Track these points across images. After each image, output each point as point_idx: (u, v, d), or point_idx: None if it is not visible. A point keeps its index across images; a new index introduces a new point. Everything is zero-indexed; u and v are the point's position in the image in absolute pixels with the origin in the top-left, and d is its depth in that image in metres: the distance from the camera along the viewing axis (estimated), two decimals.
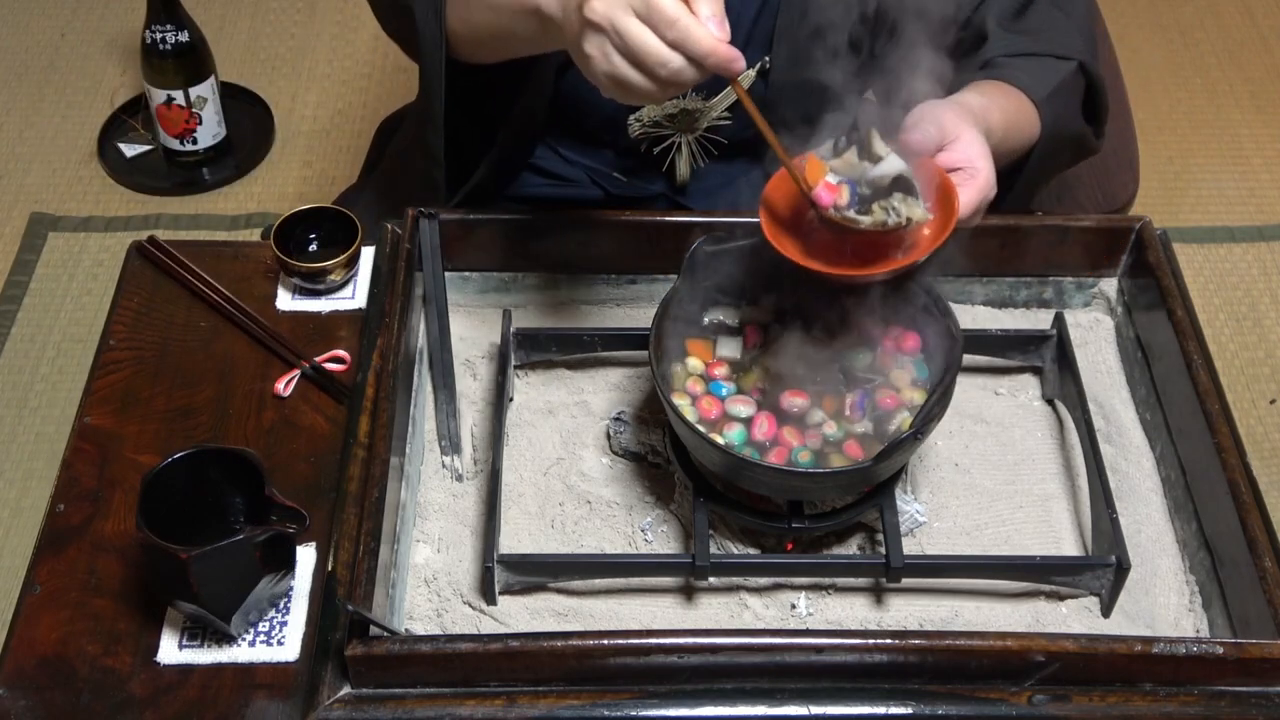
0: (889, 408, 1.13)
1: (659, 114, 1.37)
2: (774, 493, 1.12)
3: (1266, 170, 2.60)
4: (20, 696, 1.03)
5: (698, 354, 1.18)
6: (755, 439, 1.12)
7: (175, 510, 1.03)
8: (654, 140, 1.40)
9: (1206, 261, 2.42)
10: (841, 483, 1.11)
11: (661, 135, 1.39)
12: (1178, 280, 1.28)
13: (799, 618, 1.13)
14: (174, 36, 2.29)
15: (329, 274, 1.29)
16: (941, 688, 1.01)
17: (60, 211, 2.45)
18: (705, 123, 1.39)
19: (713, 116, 1.38)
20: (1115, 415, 1.28)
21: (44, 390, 2.16)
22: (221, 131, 2.47)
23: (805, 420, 1.13)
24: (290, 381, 1.24)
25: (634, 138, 1.39)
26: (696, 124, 1.38)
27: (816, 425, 1.13)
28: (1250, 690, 1.02)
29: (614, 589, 1.14)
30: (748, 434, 1.13)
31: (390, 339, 1.19)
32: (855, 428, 1.13)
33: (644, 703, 1.00)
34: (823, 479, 1.10)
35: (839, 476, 1.09)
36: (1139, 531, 1.19)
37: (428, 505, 1.20)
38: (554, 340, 1.30)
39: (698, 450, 1.12)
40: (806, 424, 1.13)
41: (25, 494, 2.03)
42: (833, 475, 1.09)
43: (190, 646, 1.06)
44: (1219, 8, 2.93)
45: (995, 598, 1.14)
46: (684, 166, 1.42)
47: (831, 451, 1.12)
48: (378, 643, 0.98)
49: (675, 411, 1.09)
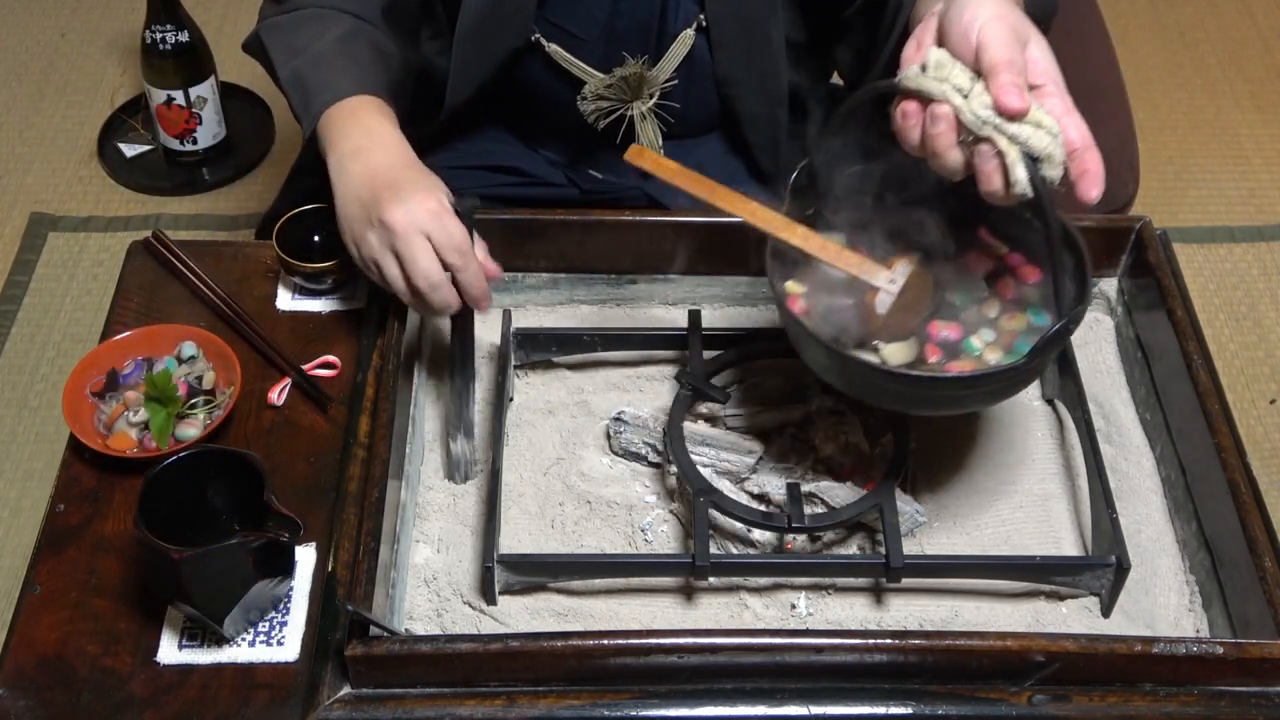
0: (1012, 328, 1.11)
1: (601, 87, 1.37)
2: (921, 406, 1.09)
3: (1266, 170, 2.60)
4: (20, 696, 1.03)
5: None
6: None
7: (176, 510, 1.03)
8: (607, 115, 1.38)
9: (1206, 261, 2.42)
10: (997, 386, 1.06)
11: (614, 109, 1.38)
12: (1178, 280, 1.28)
13: (799, 618, 1.12)
14: (174, 36, 2.29)
15: (332, 274, 1.29)
16: (941, 688, 1.01)
17: (60, 211, 2.45)
18: (653, 88, 1.38)
19: (660, 81, 1.38)
20: (1115, 415, 1.28)
21: (44, 390, 2.16)
22: (221, 131, 2.47)
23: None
24: (283, 390, 1.24)
25: (588, 116, 1.38)
26: (644, 89, 1.37)
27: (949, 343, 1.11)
28: (1250, 690, 1.02)
29: (614, 589, 1.14)
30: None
31: (390, 339, 1.19)
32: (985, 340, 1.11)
33: (644, 703, 1.00)
34: (979, 382, 1.06)
35: (996, 377, 1.05)
36: (1139, 531, 1.19)
37: (428, 505, 1.20)
38: (554, 340, 1.30)
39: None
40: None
41: (25, 494, 2.03)
42: (990, 376, 1.05)
43: (190, 646, 1.06)
44: (1219, 8, 2.93)
45: (995, 598, 1.14)
46: (649, 139, 1.41)
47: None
48: (378, 643, 0.98)
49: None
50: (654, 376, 1.31)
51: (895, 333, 1.10)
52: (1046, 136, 0.96)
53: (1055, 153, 0.96)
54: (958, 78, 0.98)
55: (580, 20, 1.35)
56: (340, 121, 1.22)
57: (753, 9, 1.34)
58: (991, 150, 0.97)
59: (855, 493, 1.15)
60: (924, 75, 0.99)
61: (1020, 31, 0.99)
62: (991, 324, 1.11)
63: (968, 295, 1.14)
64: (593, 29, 1.35)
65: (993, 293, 1.14)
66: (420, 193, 1.14)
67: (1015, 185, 0.97)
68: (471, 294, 1.16)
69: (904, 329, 1.11)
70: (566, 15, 1.35)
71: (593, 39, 1.36)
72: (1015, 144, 0.96)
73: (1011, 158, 0.96)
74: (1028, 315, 1.11)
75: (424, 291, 1.14)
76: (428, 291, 1.14)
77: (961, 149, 0.98)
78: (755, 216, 1.11)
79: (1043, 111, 0.97)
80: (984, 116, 0.96)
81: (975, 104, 0.97)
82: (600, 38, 1.36)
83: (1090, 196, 0.98)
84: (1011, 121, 0.96)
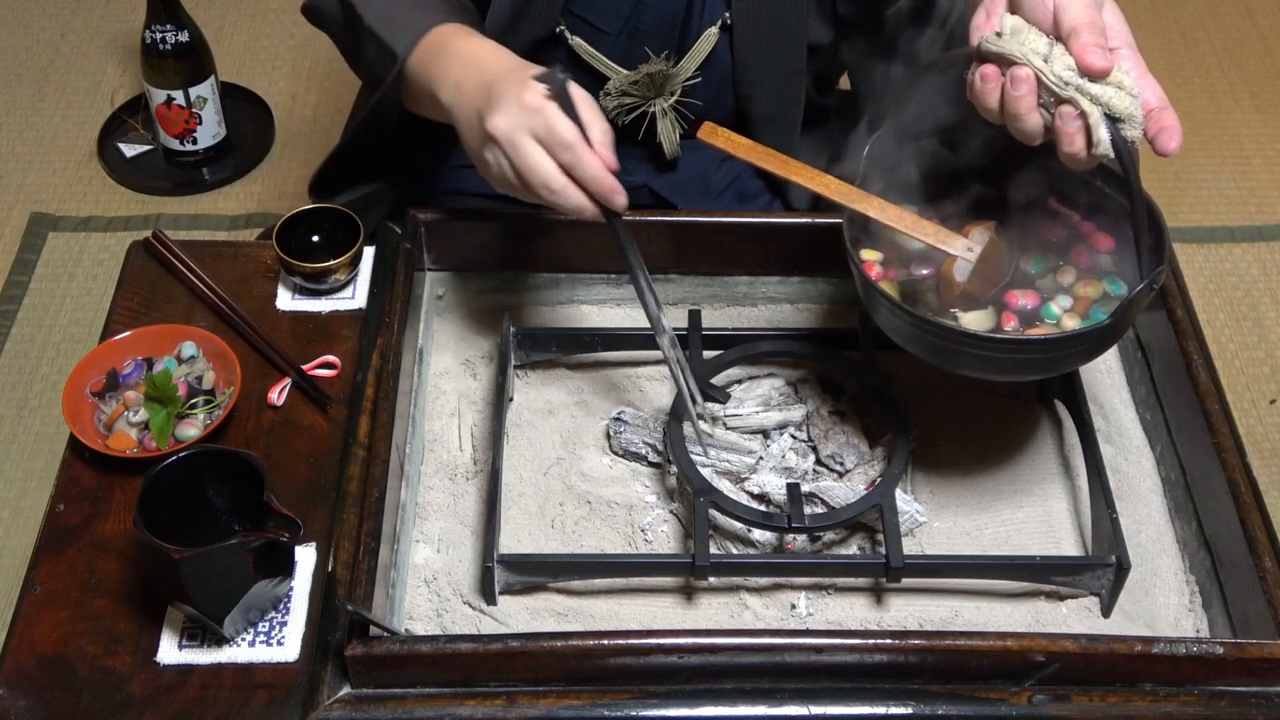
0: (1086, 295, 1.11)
1: (625, 83, 1.37)
2: (1001, 371, 1.09)
3: (1266, 170, 2.60)
4: (20, 696, 1.03)
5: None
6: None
7: (176, 510, 1.03)
8: (629, 112, 1.38)
9: (1206, 261, 2.42)
10: (1082, 348, 1.07)
11: (636, 106, 1.38)
12: (1178, 280, 1.28)
13: (799, 618, 1.12)
14: (174, 36, 2.29)
15: (332, 274, 1.29)
16: (941, 688, 1.01)
17: (60, 211, 2.45)
18: (676, 85, 1.38)
19: (682, 79, 1.38)
20: (1115, 415, 1.28)
21: (44, 390, 2.16)
22: (221, 131, 2.47)
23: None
24: (283, 390, 1.24)
25: (610, 112, 1.38)
26: (666, 87, 1.38)
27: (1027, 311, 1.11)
28: (1250, 690, 1.02)
29: (614, 589, 1.14)
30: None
31: (390, 339, 1.19)
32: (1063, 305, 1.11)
33: (644, 703, 1.00)
34: (1064, 344, 1.06)
35: (1079, 339, 1.05)
36: (1139, 531, 1.19)
37: (428, 505, 1.20)
38: (554, 340, 1.30)
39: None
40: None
41: (25, 494, 2.03)
42: (1075, 337, 1.05)
43: (190, 647, 1.06)
44: (1219, 8, 2.93)
45: (995, 598, 1.14)
46: (668, 136, 1.41)
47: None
48: (378, 643, 0.98)
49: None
50: (654, 376, 1.31)
51: (973, 301, 1.11)
52: (1127, 97, 0.98)
53: (1135, 113, 0.98)
54: (1035, 42, 0.99)
55: (605, 13, 1.35)
56: (431, 58, 1.18)
57: (780, 8, 1.33)
58: (1074, 111, 0.98)
59: (855, 492, 1.15)
60: (1005, 39, 1.00)
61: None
62: (1068, 290, 1.12)
63: (1043, 263, 1.14)
64: (616, 22, 1.35)
65: (1068, 260, 1.14)
66: (514, 91, 1.08)
67: (1097, 145, 0.98)
68: (595, 190, 1.08)
69: (982, 297, 1.11)
70: (592, 7, 1.34)
71: (615, 32, 1.36)
72: (1097, 105, 0.98)
73: (1094, 118, 0.98)
74: (1103, 283, 1.12)
75: (550, 200, 1.09)
76: (552, 199, 1.08)
77: (1042, 112, 1.00)
78: (830, 189, 1.11)
79: (1122, 73, 0.99)
80: (1066, 78, 0.98)
81: (1057, 66, 0.98)
82: (624, 32, 1.35)
83: (1170, 149, 1.00)
84: (1093, 83, 0.98)
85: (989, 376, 1.14)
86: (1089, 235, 1.15)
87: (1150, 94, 1.00)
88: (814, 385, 1.26)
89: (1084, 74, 0.98)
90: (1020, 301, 1.11)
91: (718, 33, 1.35)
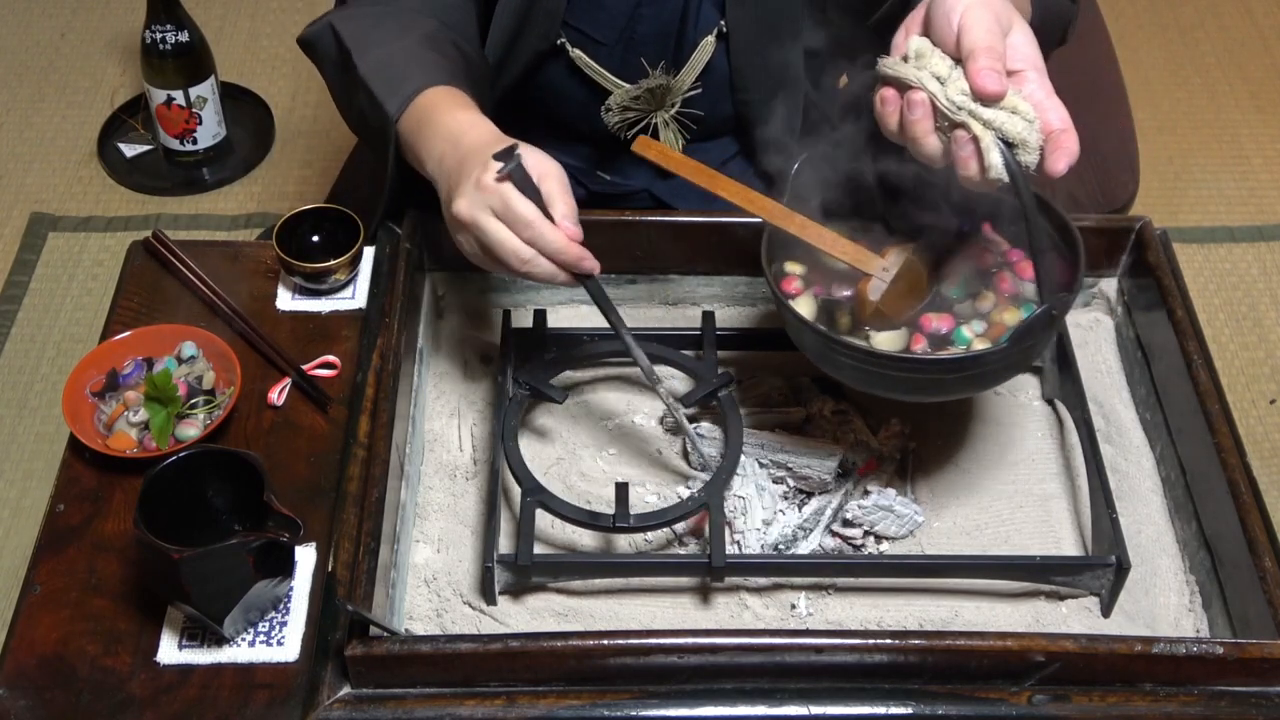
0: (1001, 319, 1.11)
1: (627, 98, 1.37)
2: (906, 390, 1.09)
3: (1266, 170, 2.60)
4: (20, 696, 1.03)
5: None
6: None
7: (176, 510, 1.03)
8: (631, 125, 1.39)
9: (1206, 261, 2.42)
10: (977, 371, 1.07)
11: (638, 119, 1.39)
12: (1178, 280, 1.28)
13: (799, 618, 1.12)
14: (174, 36, 2.29)
15: (332, 274, 1.29)
16: (941, 688, 1.01)
17: (60, 211, 2.45)
18: (676, 97, 1.38)
19: (683, 90, 1.38)
20: (1115, 415, 1.28)
21: (44, 390, 2.16)
22: (221, 131, 2.47)
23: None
24: (283, 390, 1.24)
25: (613, 126, 1.39)
26: (667, 99, 1.38)
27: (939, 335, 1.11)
28: (1250, 690, 1.02)
29: (614, 589, 1.14)
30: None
31: (390, 339, 1.19)
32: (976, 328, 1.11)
33: (644, 703, 1.00)
34: (958, 366, 1.06)
35: (977, 362, 1.06)
36: (1139, 531, 1.19)
37: (428, 505, 1.20)
38: (554, 340, 1.30)
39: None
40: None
41: (25, 494, 2.03)
42: (969, 360, 1.06)
43: (190, 647, 1.06)
44: (1219, 8, 2.93)
45: (995, 598, 1.14)
46: (671, 143, 1.41)
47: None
48: (378, 643, 0.98)
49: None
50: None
51: (887, 321, 1.11)
52: (1021, 122, 0.96)
53: (1030, 138, 0.97)
54: (936, 65, 0.98)
55: (601, 24, 1.35)
56: (417, 127, 1.19)
57: (775, 16, 1.33)
58: (967, 136, 0.97)
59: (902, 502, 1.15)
60: (902, 63, 1.00)
61: (1003, 18, 0.99)
62: (984, 317, 1.12)
63: (964, 289, 1.14)
64: (612, 33, 1.35)
65: (991, 288, 1.14)
66: (475, 174, 1.10)
67: (990, 170, 0.97)
68: (562, 262, 1.10)
69: (896, 318, 1.11)
70: (588, 19, 1.35)
71: (612, 43, 1.36)
72: (990, 129, 0.97)
73: (986, 142, 0.97)
74: (1021, 311, 1.11)
75: (523, 271, 1.10)
76: (525, 269, 1.09)
77: (939, 135, 0.99)
78: (754, 205, 1.12)
79: (1019, 98, 0.97)
80: (959, 102, 0.97)
81: (951, 90, 0.97)
82: (620, 41, 1.36)
83: (1057, 169, 0.98)
84: (987, 107, 0.96)
85: (896, 396, 1.12)
86: (1016, 263, 1.15)
87: (1054, 116, 0.98)
88: (814, 386, 1.26)
89: (978, 98, 0.97)
90: (934, 325, 1.11)
91: (714, 41, 1.35)
